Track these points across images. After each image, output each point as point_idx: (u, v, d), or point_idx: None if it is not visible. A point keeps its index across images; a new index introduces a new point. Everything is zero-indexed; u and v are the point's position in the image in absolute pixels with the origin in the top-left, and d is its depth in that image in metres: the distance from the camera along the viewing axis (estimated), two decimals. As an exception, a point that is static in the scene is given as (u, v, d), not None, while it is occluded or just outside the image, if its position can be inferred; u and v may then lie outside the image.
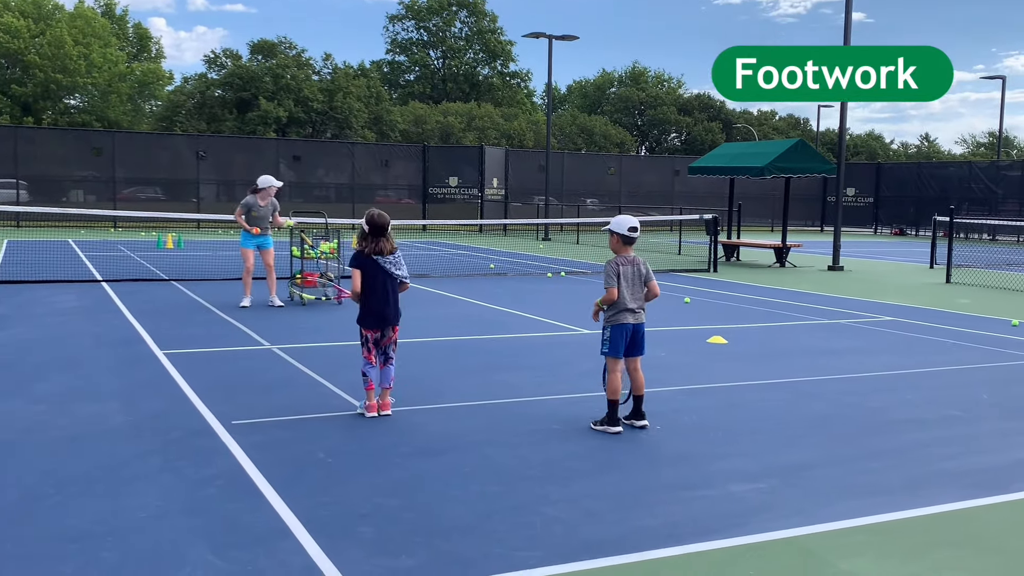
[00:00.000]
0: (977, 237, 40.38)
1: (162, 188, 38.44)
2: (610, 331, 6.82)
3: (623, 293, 6.78)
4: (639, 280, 6.87)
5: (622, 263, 6.84)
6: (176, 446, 6.21)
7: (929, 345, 11.11)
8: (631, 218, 6.96)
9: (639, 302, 6.87)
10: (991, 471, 6.02)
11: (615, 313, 6.81)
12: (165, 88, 62.33)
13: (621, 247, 6.91)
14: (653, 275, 7.00)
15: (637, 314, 6.85)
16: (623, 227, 6.87)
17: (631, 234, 6.88)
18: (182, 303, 13.66)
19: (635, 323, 6.84)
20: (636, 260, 6.89)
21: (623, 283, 6.79)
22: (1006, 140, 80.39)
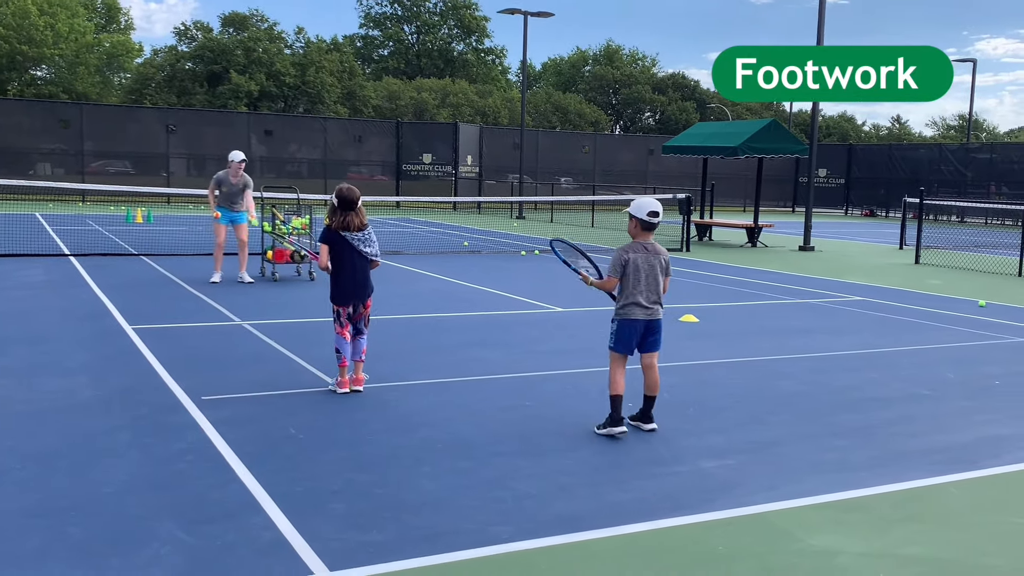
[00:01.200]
0: (946, 219, 40.83)
1: (131, 162, 37.89)
2: (617, 324, 6.23)
3: (635, 284, 6.13)
4: (657, 272, 6.18)
5: (635, 251, 6.17)
6: (144, 421, 6.15)
7: (897, 325, 11.23)
8: (652, 200, 6.24)
9: (654, 295, 6.18)
10: (956, 448, 6.11)
11: (624, 305, 6.18)
12: (135, 60, 61.32)
13: (640, 232, 6.21)
14: (671, 271, 6.33)
15: (650, 309, 6.17)
16: (643, 211, 6.15)
17: (651, 219, 6.14)
18: (151, 278, 13.52)
19: (647, 319, 6.18)
20: (658, 249, 6.21)
21: (634, 273, 6.13)
22: (976, 123, 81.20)
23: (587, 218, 31.69)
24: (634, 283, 6.16)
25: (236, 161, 12.99)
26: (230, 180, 12.92)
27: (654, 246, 6.24)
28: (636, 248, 6.21)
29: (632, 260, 6.16)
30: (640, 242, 6.23)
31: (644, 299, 6.16)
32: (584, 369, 8.09)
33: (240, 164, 12.98)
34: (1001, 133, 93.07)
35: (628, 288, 6.17)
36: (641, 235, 6.24)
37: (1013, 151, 44.39)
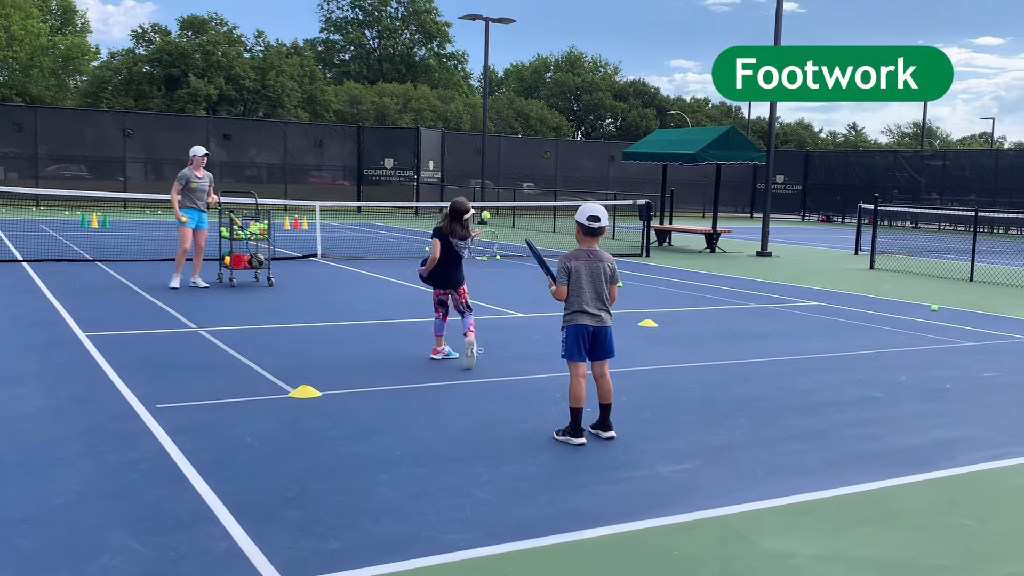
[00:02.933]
0: (900, 224, 41.53)
1: (87, 166, 37.30)
2: (565, 332, 6.15)
3: (579, 291, 6.07)
4: (602, 278, 6.12)
5: (579, 258, 6.11)
6: (98, 430, 6.05)
7: (852, 329, 11.39)
8: (595, 206, 6.18)
9: (600, 302, 6.11)
10: (910, 451, 6.20)
11: (570, 313, 6.12)
12: (91, 63, 60.42)
13: (583, 238, 6.17)
14: (618, 278, 6.29)
15: (598, 316, 6.08)
16: (583, 216, 6.13)
17: (591, 224, 6.10)
18: (106, 284, 13.31)
19: (595, 326, 6.09)
20: (602, 256, 6.14)
21: (580, 281, 6.07)
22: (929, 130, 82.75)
23: (549, 223, 31.76)
24: (578, 290, 6.09)
25: (199, 155, 12.84)
26: (195, 176, 12.77)
27: (598, 252, 6.17)
28: (580, 255, 6.15)
29: (575, 267, 6.10)
30: (584, 248, 6.18)
31: (590, 306, 6.09)
32: (545, 375, 8.10)
33: (203, 158, 12.84)
34: (954, 140, 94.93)
35: (573, 295, 6.11)
36: (585, 241, 6.20)
37: (965, 158, 45.30)
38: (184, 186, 12.72)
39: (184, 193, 12.74)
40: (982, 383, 8.46)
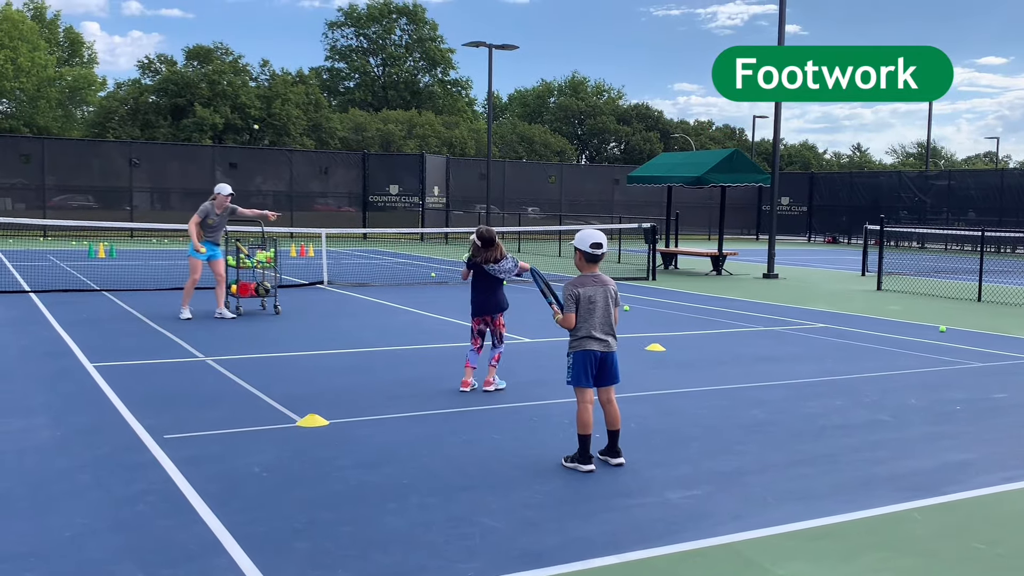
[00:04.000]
0: (907, 245, 41.48)
1: (94, 196, 37.54)
2: (572, 358, 6.14)
3: (588, 317, 6.06)
4: (609, 304, 6.12)
5: (585, 284, 6.11)
6: (105, 462, 6.05)
7: (860, 351, 11.35)
8: (596, 232, 6.17)
9: (608, 327, 6.11)
10: (920, 475, 6.16)
11: (578, 339, 6.10)
12: (98, 94, 60.93)
13: (585, 265, 6.19)
14: (620, 300, 6.31)
15: (605, 341, 6.09)
16: (586, 243, 6.12)
17: (594, 251, 6.10)
18: (114, 314, 13.35)
19: (603, 351, 6.09)
20: (605, 280, 6.15)
21: (588, 306, 6.06)
22: (934, 151, 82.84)
23: (554, 248, 31.81)
24: (587, 316, 6.08)
25: (223, 194, 12.89)
26: (215, 212, 12.81)
27: (601, 277, 6.18)
28: (586, 281, 6.15)
29: (583, 294, 6.09)
30: (588, 274, 6.19)
31: (599, 331, 6.08)
32: (552, 400, 8.09)
33: (226, 198, 12.90)
34: (959, 160, 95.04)
35: (581, 322, 6.09)
36: (587, 267, 6.20)
37: (971, 177, 45.32)
38: (203, 220, 12.73)
39: (201, 227, 12.74)
40: (992, 405, 8.42)
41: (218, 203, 12.81)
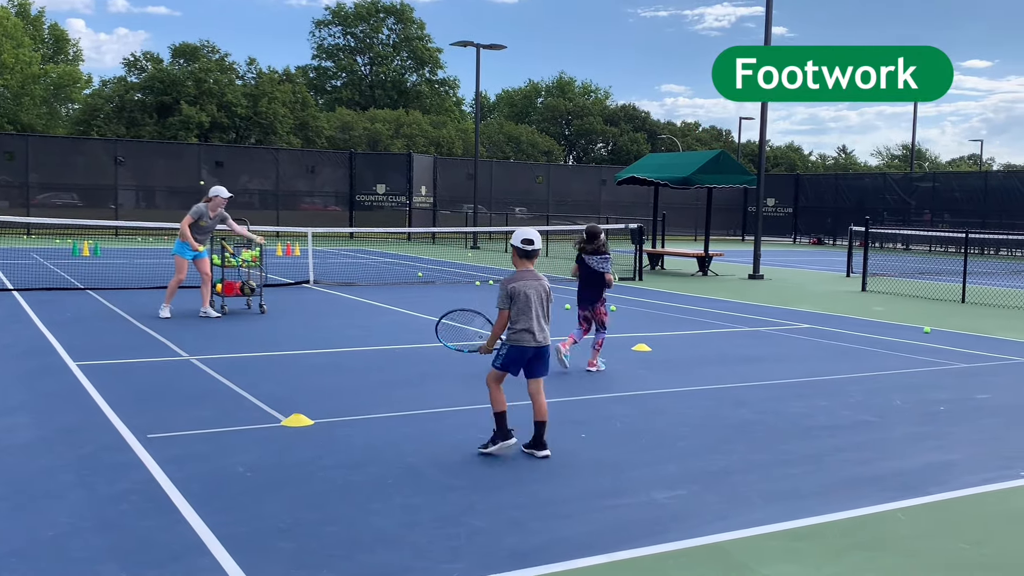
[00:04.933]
0: (891, 246, 41.70)
1: (78, 194, 37.30)
2: (507, 349, 6.32)
3: (525, 312, 6.24)
4: (544, 299, 6.36)
5: (520, 280, 6.30)
6: (88, 461, 6.00)
7: (845, 352, 11.40)
8: (529, 230, 6.44)
9: (543, 322, 6.33)
10: (904, 475, 6.19)
11: (516, 332, 6.27)
12: (83, 91, 60.57)
13: (520, 261, 6.40)
14: (552, 296, 6.49)
15: (540, 337, 6.30)
16: (517, 239, 6.38)
17: (525, 247, 6.34)
18: (98, 313, 13.26)
19: (537, 346, 6.29)
20: (539, 277, 6.38)
21: (524, 302, 6.25)
22: (919, 153, 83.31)
23: (542, 248, 31.81)
24: (524, 311, 6.26)
25: (222, 196, 12.82)
26: (208, 215, 12.73)
27: (535, 274, 6.40)
28: (521, 277, 6.35)
29: (519, 289, 6.28)
30: (523, 271, 6.39)
31: (535, 327, 6.28)
32: (537, 400, 8.07)
33: (225, 200, 12.84)
34: (943, 162, 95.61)
35: (519, 315, 6.27)
36: (521, 264, 6.42)
37: (955, 179, 45.59)
38: (195, 221, 12.65)
39: (193, 228, 12.65)
40: (976, 405, 8.46)
41: (213, 205, 12.74)
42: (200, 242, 12.80)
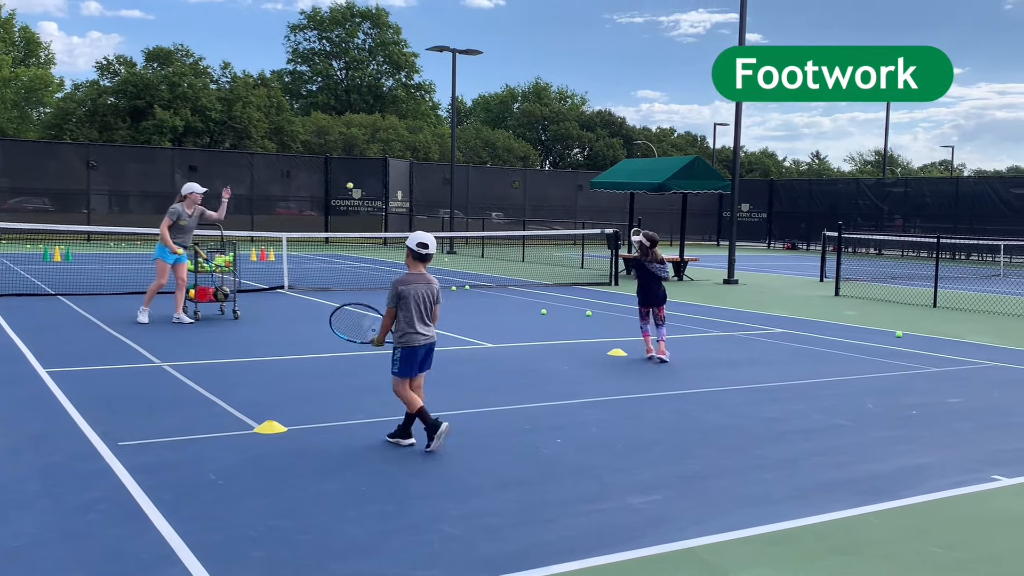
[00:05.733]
0: (864, 251, 42.07)
1: (50, 199, 36.86)
2: (401, 352, 6.61)
3: (413, 312, 6.54)
4: (431, 301, 6.65)
5: (410, 282, 6.59)
6: (57, 469, 5.91)
7: (818, 356, 11.47)
8: (424, 234, 6.71)
9: (429, 321, 6.65)
10: (877, 478, 6.22)
11: (403, 335, 6.57)
12: (55, 95, 59.94)
13: (413, 263, 6.68)
14: (440, 298, 6.77)
15: (427, 335, 6.62)
16: (413, 243, 6.65)
17: (420, 250, 6.62)
18: (69, 319, 13.09)
19: (427, 343, 6.65)
20: (430, 279, 6.67)
21: (412, 304, 6.54)
22: (891, 158, 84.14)
23: (518, 252, 31.82)
24: (412, 312, 6.57)
25: (198, 192, 12.66)
26: (186, 212, 12.59)
27: (426, 276, 6.68)
28: (411, 279, 6.64)
29: (407, 291, 6.57)
30: (414, 273, 6.68)
31: (420, 327, 6.59)
32: (514, 406, 8.06)
33: (200, 195, 12.68)
34: (915, 168, 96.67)
35: (406, 317, 6.56)
36: (414, 266, 6.70)
37: (926, 185, 46.08)
38: (174, 222, 12.50)
39: (172, 229, 12.49)
40: (947, 409, 8.54)
41: (189, 203, 12.58)
42: (182, 243, 12.65)
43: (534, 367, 10.10)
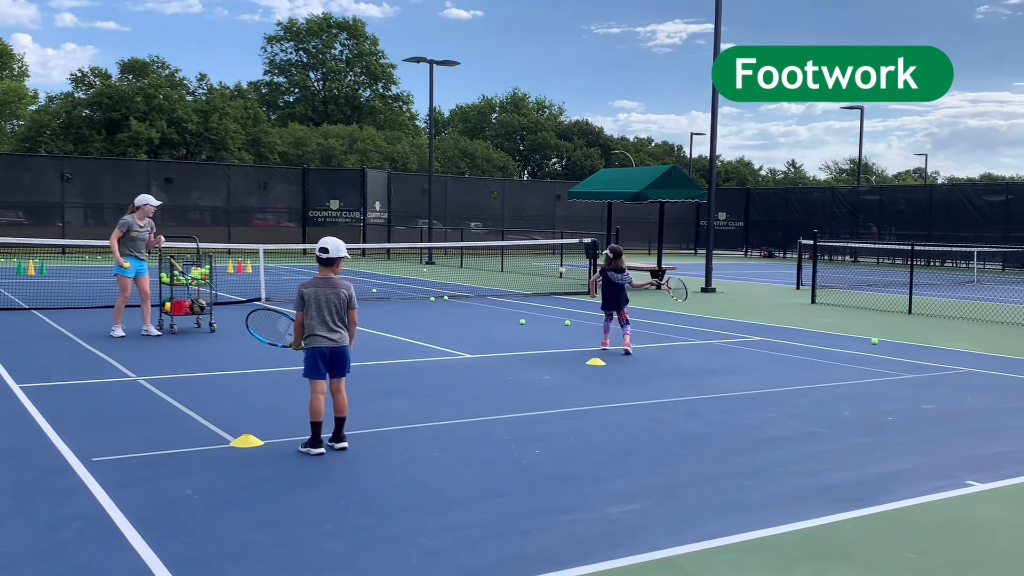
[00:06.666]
0: (840, 259, 42.41)
1: (24, 212, 36.51)
2: (306, 354, 6.84)
3: (315, 315, 6.73)
4: (337, 304, 6.79)
5: (313, 285, 6.79)
6: (30, 486, 5.85)
7: (795, 364, 11.54)
8: (329, 239, 6.93)
9: (335, 325, 6.78)
10: (852, 486, 6.26)
11: (308, 336, 6.80)
12: (28, 107, 59.42)
13: (320, 268, 6.89)
14: (356, 303, 6.93)
15: (331, 339, 6.76)
16: (317, 248, 6.90)
17: (320, 254, 6.85)
18: (43, 333, 12.96)
19: (331, 346, 6.77)
20: (337, 284, 6.83)
21: (312, 305, 6.73)
22: (865, 167, 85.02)
23: (497, 263, 31.83)
24: (314, 314, 6.76)
25: (151, 204, 12.61)
26: (137, 224, 12.53)
27: (334, 280, 6.84)
28: (316, 283, 6.83)
29: (309, 293, 6.78)
30: (320, 277, 6.86)
31: (323, 329, 6.75)
32: (493, 416, 8.05)
33: (152, 208, 12.62)
34: (890, 176, 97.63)
35: (309, 319, 6.77)
36: (321, 270, 6.88)
37: (901, 193, 46.53)
38: (124, 233, 12.47)
39: (124, 241, 12.50)
40: (922, 415, 8.61)
41: (141, 215, 12.55)
42: (138, 256, 12.57)
43: (513, 377, 10.10)
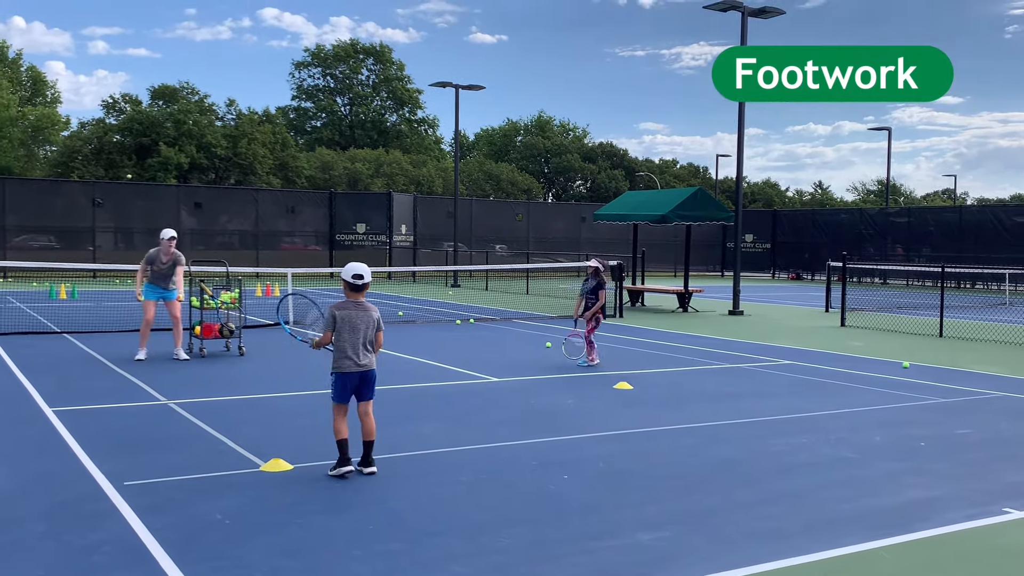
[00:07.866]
0: (869, 281, 42.03)
1: (56, 236, 37.02)
2: (334, 378, 6.88)
3: (346, 339, 6.78)
4: (367, 328, 6.86)
5: (345, 308, 6.85)
6: (62, 510, 5.90)
7: (825, 388, 11.43)
8: (359, 265, 7.01)
9: (364, 348, 6.85)
10: (887, 512, 6.18)
11: (337, 359, 6.84)
12: (61, 133, 60.40)
13: (349, 292, 6.96)
14: (383, 326, 7.02)
15: (362, 363, 6.83)
16: (348, 274, 6.96)
17: (355, 281, 6.91)
18: (74, 357, 13.11)
19: (360, 371, 6.83)
20: (368, 307, 6.91)
21: (344, 329, 6.78)
22: (894, 188, 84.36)
23: (522, 285, 31.84)
24: (345, 338, 6.80)
25: (166, 239, 12.80)
26: (161, 259, 12.73)
27: (364, 304, 6.93)
28: (347, 306, 6.89)
29: (341, 316, 6.82)
30: (351, 300, 6.92)
31: (354, 353, 6.80)
32: (520, 441, 8.03)
33: (170, 241, 12.79)
34: (919, 197, 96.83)
35: (340, 343, 6.81)
36: (351, 295, 6.95)
37: (930, 214, 46.12)
38: (149, 265, 12.79)
39: (151, 271, 12.82)
40: (956, 440, 8.49)
41: (163, 248, 12.79)
42: (163, 287, 12.83)
43: (539, 401, 10.08)
